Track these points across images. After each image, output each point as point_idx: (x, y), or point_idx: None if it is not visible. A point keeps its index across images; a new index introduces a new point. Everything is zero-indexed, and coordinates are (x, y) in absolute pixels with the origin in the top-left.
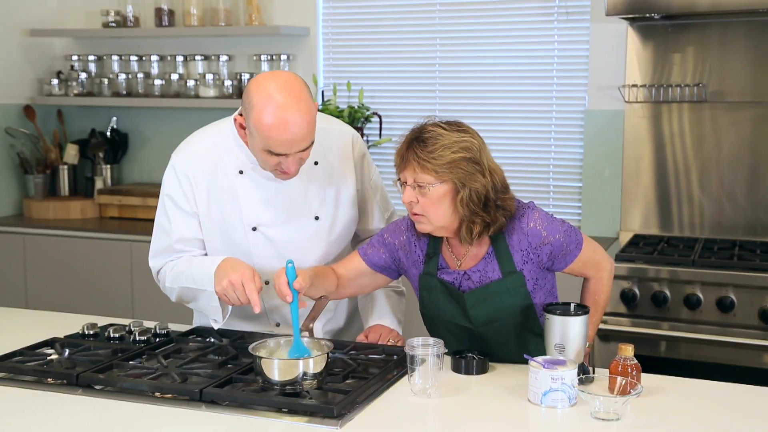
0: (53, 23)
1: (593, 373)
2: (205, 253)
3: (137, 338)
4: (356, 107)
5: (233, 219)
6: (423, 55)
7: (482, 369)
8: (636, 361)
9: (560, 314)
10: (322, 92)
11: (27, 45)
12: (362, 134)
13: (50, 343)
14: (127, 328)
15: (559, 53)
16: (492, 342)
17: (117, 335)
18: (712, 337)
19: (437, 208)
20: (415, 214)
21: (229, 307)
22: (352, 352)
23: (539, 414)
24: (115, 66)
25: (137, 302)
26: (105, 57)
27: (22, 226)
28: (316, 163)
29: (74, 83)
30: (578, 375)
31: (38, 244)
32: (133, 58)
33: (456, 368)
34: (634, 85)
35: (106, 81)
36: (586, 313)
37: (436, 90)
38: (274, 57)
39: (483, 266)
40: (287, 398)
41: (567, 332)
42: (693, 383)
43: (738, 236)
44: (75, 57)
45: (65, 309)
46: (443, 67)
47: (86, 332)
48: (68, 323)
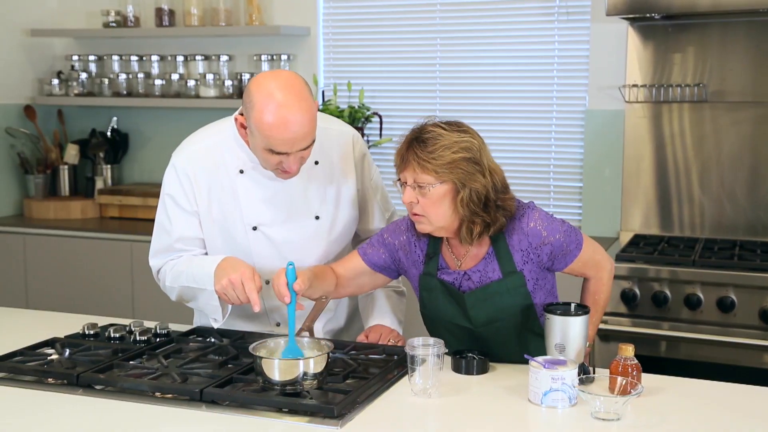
0: (54, 23)
1: (593, 373)
2: (206, 253)
3: (138, 338)
4: (357, 107)
5: (234, 218)
6: (423, 55)
7: (482, 369)
8: (636, 361)
9: (561, 314)
10: (323, 92)
11: (27, 45)
12: (363, 134)
13: (51, 343)
14: (128, 328)
15: (560, 53)
16: (492, 342)
17: (117, 335)
18: (713, 337)
19: (437, 209)
20: (415, 215)
21: (229, 307)
22: (353, 352)
23: (540, 414)
24: (116, 66)
25: (138, 302)
26: (105, 57)
27: (23, 226)
28: (317, 163)
29: (75, 83)
30: (579, 375)
31: (39, 244)
32: (134, 58)
33: (456, 368)
34: (635, 85)
35: (107, 81)
36: (587, 313)
37: (437, 90)
38: (275, 57)
39: (483, 266)
40: (288, 398)
41: (567, 332)
42: (693, 383)
43: (738, 236)
44: (75, 57)
45: (66, 309)
46: (443, 67)
47: (87, 332)
48: (69, 323)
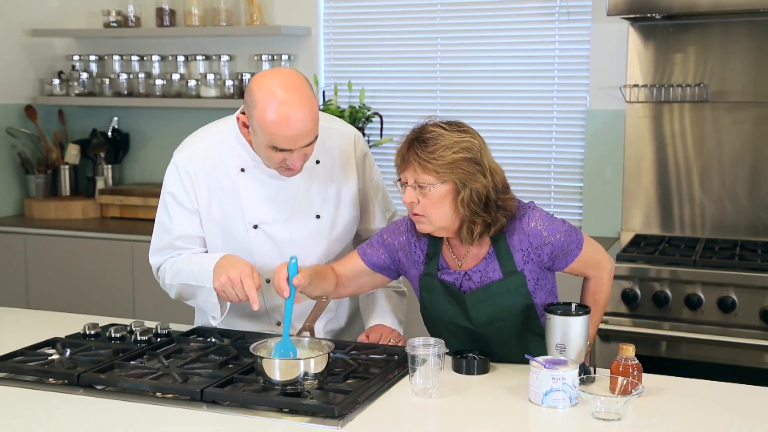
0: (54, 23)
1: (594, 373)
2: (206, 251)
3: (138, 338)
4: (357, 107)
5: (234, 217)
6: (424, 55)
7: (483, 369)
8: (637, 361)
9: (561, 314)
10: (323, 92)
11: (28, 45)
12: (363, 134)
13: (51, 343)
14: (129, 328)
15: (560, 53)
16: (493, 342)
17: (118, 335)
18: (713, 338)
19: (438, 209)
20: (416, 215)
21: (228, 304)
22: (353, 352)
23: (540, 414)
24: (117, 66)
25: (138, 302)
26: (106, 57)
27: (24, 226)
28: (318, 162)
29: (75, 83)
30: (579, 375)
31: (39, 244)
32: (135, 58)
33: (457, 368)
34: (635, 85)
35: (108, 81)
36: (587, 313)
37: (437, 90)
38: (275, 57)
39: (484, 266)
40: (288, 398)
41: (568, 332)
42: (694, 383)
43: (739, 236)
44: (76, 57)
45: (66, 309)
46: (444, 67)
47: (87, 332)
48: (69, 323)
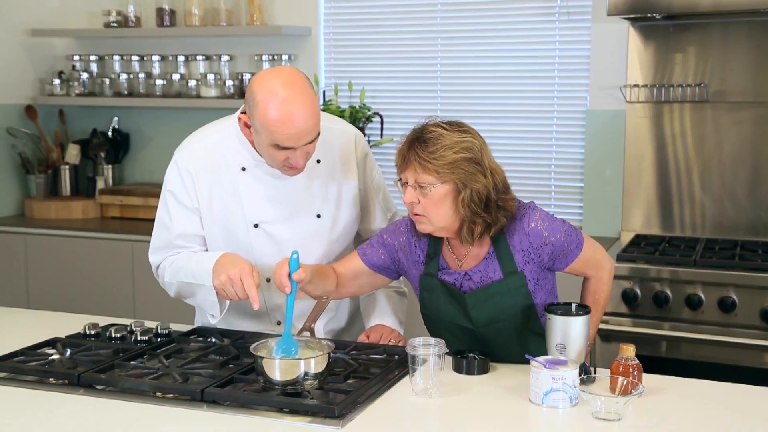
0: (54, 23)
1: (594, 373)
2: (205, 250)
3: (138, 338)
4: (358, 107)
5: (235, 216)
6: (424, 55)
7: (483, 369)
8: (637, 361)
9: (561, 314)
10: (324, 92)
11: (28, 45)
12: (364, 134)
13: (52, 343)
14: (129, 328)
15: (561, 53)
16: (493, 342)
17: (118, 335)
18: (714, 338)
19: (438, 209)
20: (416, 215)
21: (227, 303)
22: (354, 352)
23: (540, 414)
24: (117, 66)
25: (138, 302)
26: (106, 57)
27: (24, 226)
28: (319, 162)
29: (76, 83)
30: (579, 375)
31: (40, 244)
32: (135, 58)
33: (457, 368)
34: (636, 85)
35: (108, 81)
36: (588, 313)
37: (438, 90)
38: (276, 57)
39: (484, 267)
40: (288, 398)
41: (568, 332)
42: (694, 383)
43: (739, 236)
44: (76, 57)
45: (67, 309)
46: (444, 67)
47: (88, 332)
48: (70, 323)
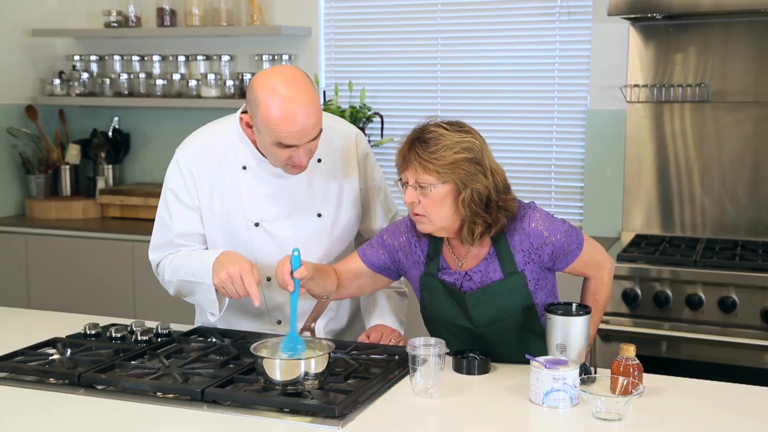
0: (55, 23)
1: (595, 373)
2: (206, 248)
3: (139, 338)
4: (358, 107)
5: (236, 215)
6: (424, 55)
7: (484, 369)
8: (638, 362)
9: (562, 314)
10: (324, 92)
11: (29, 45)
12: (364, 134)
13: (52, 343)
14: (129, 328)
15: (561, 53)
16: (493, 342)
17: (119, 335)
18: (714, 338)
19: (439, 209)
20: (417, 215)
21: (226, 300)
22: (354, 352)
23: (541, 414)
24: (117, 66)
25: (139, 302)
26: (107, 57)
27: (24, 226)
28: (320, 161)
29: (76, 83)
30: (580, 375)
31: (40, 244)
32: (135, 58)
33: (458, 368)
34: (636, 85)
35: (108, 81)
36: (588, 313)
37: (438, 90)
38: (276, 57)
39: (484, 267)
40: (289, 398)
41: (569, 332)
42: (694, 383)
43: (740, 236)
44: (77, 57)
45: (67, 309)
46: (445, 67)
47: (88, 332)
48: (70, 323)
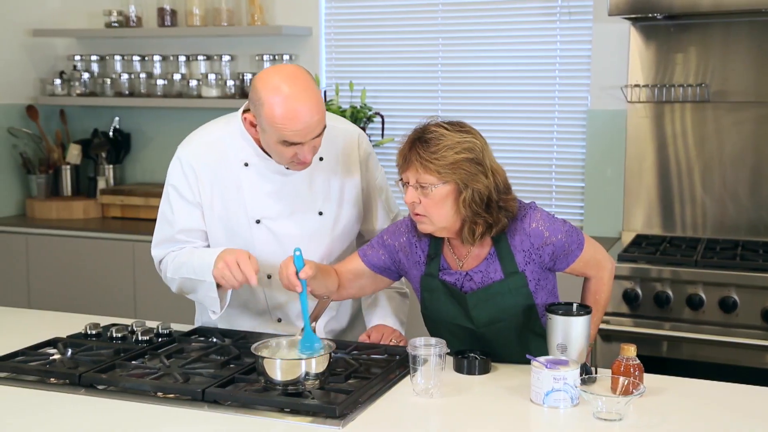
0: (56, 23)
1: (595, 373)
2: (207, 245)
3: (140, 338)
4: (359, 107)
5: (237, 212)
6: (425, 55)
7: (484, 369)
8: (638, 362)
9: (563, 314)
10: (325, 92)
11: (29, 45)
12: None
13: (53, 343)
14: (130, 328)
15: (562, 53)
16: (494, 343)
17: (119, 335)
18: (715, 338)
19: (439, 209)
20: (417, 215)
21: (228, 298)
22: (355, 352)
23: (542, 414)
24: (118, 66)
25: (140, 302)
26: (107, 57)
27: (25, 226)
28: (322, 159)
29: (77, 83)
30: (581, 375)
31: (41, 244)
32: (136, 58)
33: (458, 368)
34: (637, 85)
35: (109, 81)
36: (589, 313)
37: (439, 90)
38: (277, 57)
39: (485, 267)
40: (289, 398)
41: (569, 332)
42: (695, 383)
43: (741, 236)
44: (77, 57)
45: (68, 309)
46: (445, 67)
47: (89, 332)
48: (71, 323)
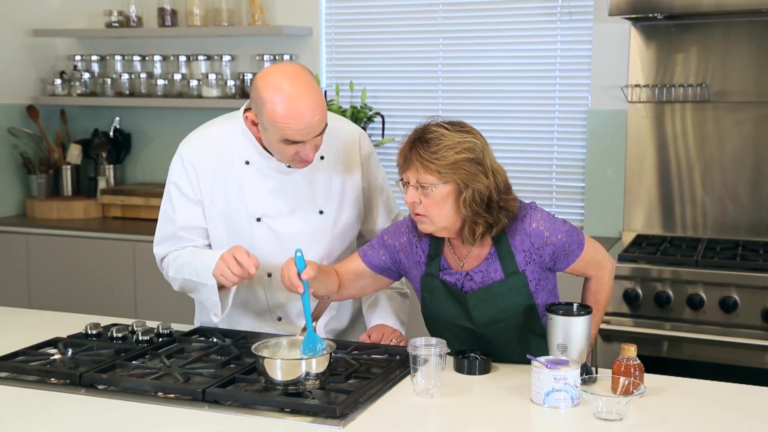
0: (56, 23)
1: (596, 373)
2: (209, 243)
3: (140, 338)
4: (359, 107)
5: (238, 210)
6: (426, 55)
7: (485, 369)
8: (639, 362)
9: (563, 314)
10: (325, 92)
11: (30, 45)
12: None
13: (53, 343)
14: (130, 328)
15: (562, 53)
16: (494, 343)
17: (120, 335)
18: (715, 338)
19: (440, 209)
20: (418, 215)
21: (229, 302)
22: (355, 352)
23: (542, 414)
24: (118, 66)
25: (140, 302)
26: (108, 57)
27: (26, 226)
28: (322, 158)
29: (77, 83)
30: (581, 375)
31: (41, 244)
32: (136, 58)
33: (459, 368)
34: (637, 85)
35: (109, 81)
36: (589, 313)
37: (439, 90)
38: (277, 57)
39: (485, 267)
40: (290, 398)
41: (570, 332)
42: (695, 383)
43: (741, 236)
44: (78, 57)
45: (68, 309)
46: (446, 67)
47: (89, 332)
48: (71, 323)
